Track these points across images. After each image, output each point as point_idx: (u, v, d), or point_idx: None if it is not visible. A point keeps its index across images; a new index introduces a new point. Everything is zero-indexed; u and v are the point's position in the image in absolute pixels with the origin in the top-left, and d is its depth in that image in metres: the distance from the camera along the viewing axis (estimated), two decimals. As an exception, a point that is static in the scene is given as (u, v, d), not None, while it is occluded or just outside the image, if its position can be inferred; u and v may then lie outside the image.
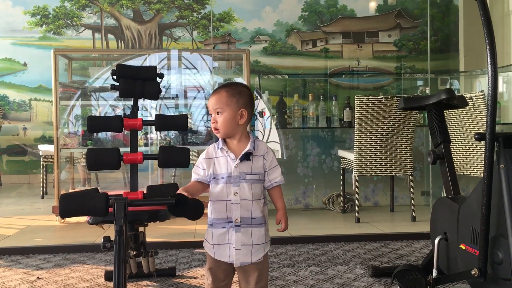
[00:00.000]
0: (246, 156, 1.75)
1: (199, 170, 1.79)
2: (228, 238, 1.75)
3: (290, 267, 2.73)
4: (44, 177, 5.25)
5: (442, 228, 2.20)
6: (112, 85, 2.43)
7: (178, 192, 1.71)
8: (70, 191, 4.31)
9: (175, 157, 2.31)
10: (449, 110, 3.55)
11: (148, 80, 2.46)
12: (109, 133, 4.14)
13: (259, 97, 4.42)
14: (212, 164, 1.77)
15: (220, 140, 1.80)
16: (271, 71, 6.21)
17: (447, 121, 2.98)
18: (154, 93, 2.45)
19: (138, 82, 2.43)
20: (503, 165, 1.75)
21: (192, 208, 1.69)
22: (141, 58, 5.01)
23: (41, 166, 5.31)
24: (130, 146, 2.36)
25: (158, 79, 2.50)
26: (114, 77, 2.44)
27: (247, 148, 1.76)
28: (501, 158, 1.76)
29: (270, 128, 4.55)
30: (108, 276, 2.55)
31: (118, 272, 1.67)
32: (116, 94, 4.64)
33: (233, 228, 1.74)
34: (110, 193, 1.85)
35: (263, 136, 4.50)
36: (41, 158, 5.32)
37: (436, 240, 2.16)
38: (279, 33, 6.87)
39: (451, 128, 3.63)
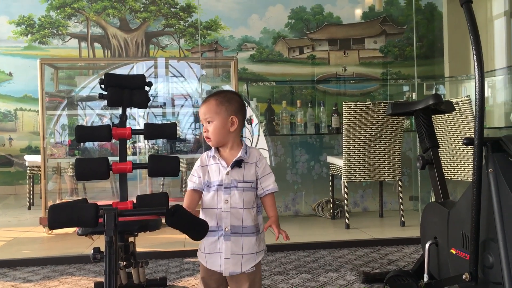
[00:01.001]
0: (238, 164, 1.74)
1: (194, 178, 1.78)
2: (219, 247, 1.74)
3: (282, 274, 2.72)
4: (31, 188, 5.19)
5: (432, 233, 2.21)
6: (100, 94, 2.41)
7: None
8: (57, 201, 4.26)
9: (165, 166, 2.29)
10: (436, 115, 3.58)
11: (137, 89, 2.45)
12: (96, 143, 4.10)
13: (247, 105, 4.42)
14: (206, 172, 1.77)
15: (212, 148, 1.80)
16: (259, 78, 6.22)
17: (434, 126, 3.00)
18: (143, 102, 2.44)
19: (127, 91, 2.41)
20: (492, 169, 1.77)
21: (189, 220, 1.67)
22: (128, 67, 4.99)
23: (28, 176, 5.25)
24: (119, 155, 2.34)
25: (146, 88, 2.48)
26: (102, 86, 2.42)
27: (238, 155, 1.76)
28: (489, 163, 1.78)
29: (258, 135, 4.55)
30: None
31: (109, 284, 1.65)
32: (104, 103, 4.61)
33: (223, 236, 1.73)
34: (99, 203, 1.83)
35: (251, 143, 4.50)
36: (28, 168, 5.26)
37: (427, 245, 2.17)
38: (266, 40, 6.89)
39: (438, 133, 3.66)
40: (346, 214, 3.83)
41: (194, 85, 5.04)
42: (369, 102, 3.70)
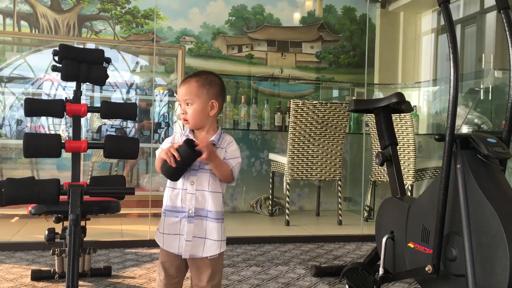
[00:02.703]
0: None
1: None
2: (180, 229, 1.67)
3: (231, 267, 2.67)
4: None
5: (389, 227, 2.26)
6: (53, 66, 2.24)
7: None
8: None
9: (123, 147, 2.16)
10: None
11: (94, 64, 2.29)
12: (28, 124, 3.82)
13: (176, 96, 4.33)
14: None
15: (188, 129, 1.72)
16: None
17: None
18: (100, 78, 2.30)
19: (84, 65, 2.26)
20: (460, 165, 1.84)
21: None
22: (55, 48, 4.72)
23: None
24: (72, 133, 2.17)
25: (104, 64, 2.34)
26: (56, 58, 2.25)
27: (211, 138, 1.70)
28: (458, 159, 1.85)
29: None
30: (36, 276, 2.32)
31: (72, 265, 1.53)
32: (25, 86, 4.35)
33: (186, 218, 1.66)
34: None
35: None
36: None
37: (384, 239, 2.21)
38: (206, 35, 6.80)
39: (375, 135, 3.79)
40: (287, 211, 3.85)
41: (127, 74, 4.87)
42: (317, 102, 3.75)
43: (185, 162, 1.57)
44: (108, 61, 2.35)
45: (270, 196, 4.21)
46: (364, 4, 5.87)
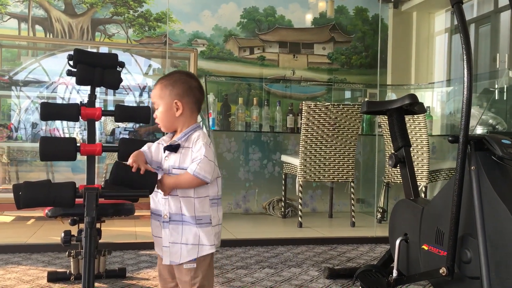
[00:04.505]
0: (174, 149, 1.62)
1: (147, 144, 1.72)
2: (162, 233, 1.63)
3: (244, 268, 2.67)
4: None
5: (402, 229, 2.25)
6: (68, 70, 2.27)
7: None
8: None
9: (137, 150, 2.18)
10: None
11: (108, 68, 2.32)
12: (43, 127, 3.87)
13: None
14: (155, 149, 1.68)
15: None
16: (209, 75, 6.16)
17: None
18: (114, 82, 2.32)
19: (98, 69, 2.28)
20: (474, 167, 1.83)
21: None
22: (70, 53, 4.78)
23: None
24: (87, 136, 2.20)
25: (118, 68, 2.36)
26: (71, 62, 2.28)
27: (173, 139, 1.65)
28: (472, 160, 1.84)
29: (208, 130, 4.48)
30: (52, 278, 2.35)
31: (88, 267, 1.54)
32: (40, 89, 4.40)
33: (162, 223, 1.63)
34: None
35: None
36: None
37: (397, 241, 2.21)
38: (217, 37, 6.82)
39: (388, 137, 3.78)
40: (300, 213, 3.85)
41: (140, 76, 4.90)
42: (329, 103, 3.75)
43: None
44: (122, 65, 2.37)
45: (283, 198, 4.22)
46: (376, 4, 5.84)
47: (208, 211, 1.62)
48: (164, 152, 1.64)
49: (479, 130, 3.83)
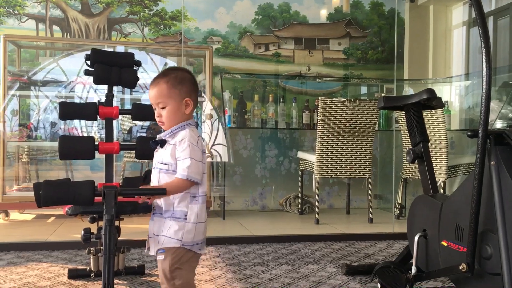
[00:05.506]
0: (160, 144, 1.65)
1: None
2: (149, 224, 1.68)
3: (262, 265, 2.68)
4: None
5: (421, 226, 2.24)
6: (86, 70, 2.29)
7: None
8: (14, 188, 4.03)
9: (154, 148, 2.19)
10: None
11: (125, 67, 2.34)
12: (62, 126, 3.92)
13: (204, 96, 4.34)
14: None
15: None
16: (224, 72, 6.17)
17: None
18: (131, 81, 2.34)
19: (115, 69, 2.30)
20: (494, 162, 1.80)
21: None
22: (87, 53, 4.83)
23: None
24: (105, 135, 2.22)
25: (135, 67, 2.38)
26: (88, 62, 2.30)
27: (159, 135, 1.67)
28: (492, 155, 1.81)
29: (217, 130, 4.49)
30: (72, 274, 2.38)
31: (108, 264, 1.56)
32: (58, 88, 4.45)
33: (151, 214, 1.67)
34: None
35: (210, 138, 4.43)
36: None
37: (416, 237, 2.19)
38: (232, 35, 6.83)
39: (404, 132, 3.75)
40: (317, 210, 3.84)
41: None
42: (345, 99, 3.73)
43: None
44: (138, 64, 2.39)
45: (300, 195, 4.21)
46: (392, -2, 5.79)
47: (185, 207, 1.61)
48: (153, 147, 1.67)
49: (499, 124, 3.78)
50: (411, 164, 3.86)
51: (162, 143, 1.64)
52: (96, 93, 4.53)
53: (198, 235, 1.61)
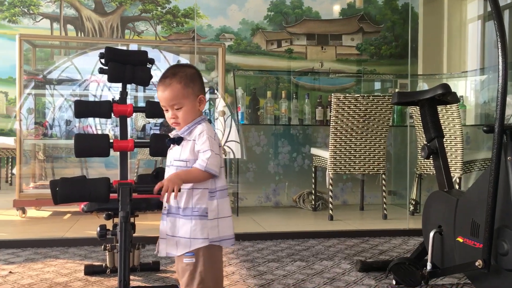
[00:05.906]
0: (177, 141, 1.63)
1: None
2: (161, 224, 1.65)
3: (276, 261, 2.68)
4: (-3, 171, 4.95)
5: (436, 222, 2.22)
6: (100, 68, 2.31)
7: None
8: (31, 185, 4.08)
9: (168, 146, 2.21)
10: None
11: (138, 65, 2.35)
12: (77, 124, 3.96)
13: (217, 93, 4.34)
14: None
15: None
16: (237, 69, 6.17)
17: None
18: (145, 79, 2.35)
19: (128, 67, 2.32)
20: (510, 157, 1.78)
21: None
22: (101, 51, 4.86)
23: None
24: (119, 133, 2.24)
25: (148, 65, 2.39)
26: (102, 60, 2.32)
27: (175, 132, 1.65)
28: (508, 150, 1.79)
29: (230, 127, 4.49)
30: (88, 271, 2.41)
31: (124, 260, 1.58)
32: (73, 87, 4.48)
33: (162, 215, 1.64)
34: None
35: (223, 135, 4.43)
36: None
37: (431, 234, 2.18)
38: (245, 31, 6.82)
39: (418, 127, 3.71)
40: (330, 206, 3.83)
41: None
42: (358, 95, 3.71)
43: None
44: (152, 61, 2.40)
45: (313, 191, 4.21)
46: (406, -7, 5.76)
47: (204, 204, 1.58)
48: (169, 145, 1.66)
49: (515, 119, 3.73)
50: (426, 160, 3.84)
51: (179, 140, 1.62)
52: (110, 91, 4.57)
53: (223, 230, 1.59)
